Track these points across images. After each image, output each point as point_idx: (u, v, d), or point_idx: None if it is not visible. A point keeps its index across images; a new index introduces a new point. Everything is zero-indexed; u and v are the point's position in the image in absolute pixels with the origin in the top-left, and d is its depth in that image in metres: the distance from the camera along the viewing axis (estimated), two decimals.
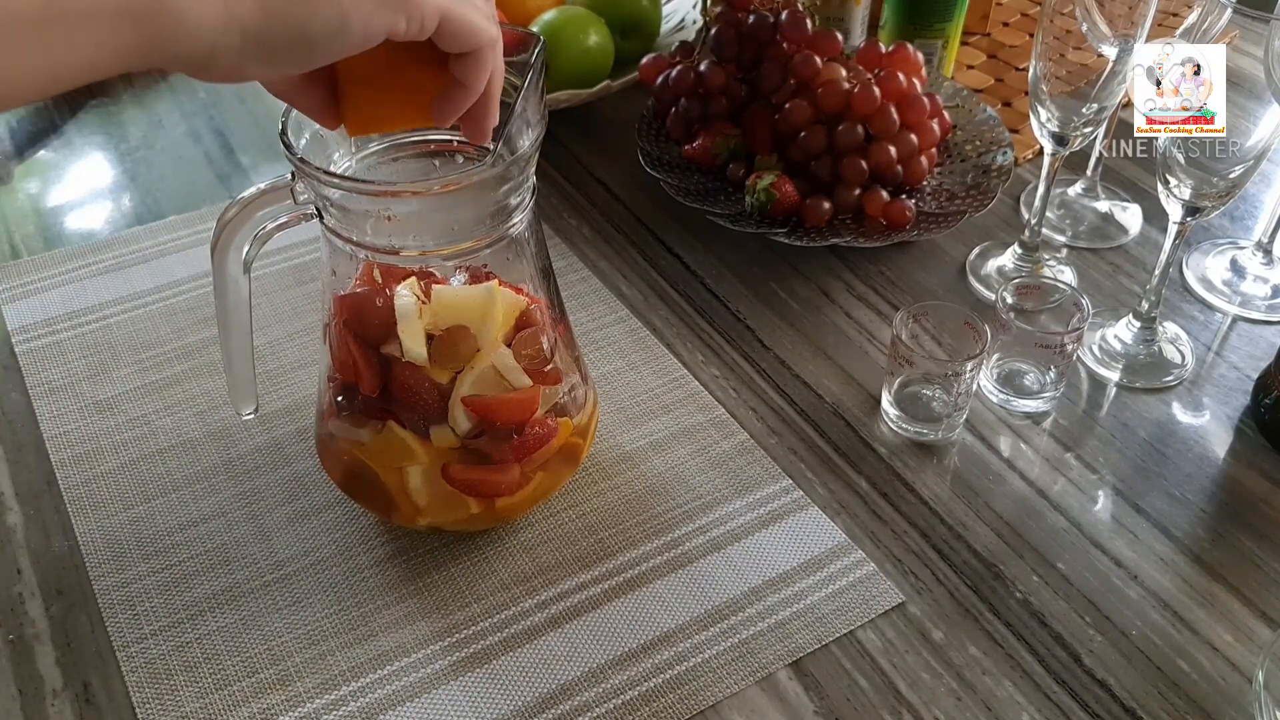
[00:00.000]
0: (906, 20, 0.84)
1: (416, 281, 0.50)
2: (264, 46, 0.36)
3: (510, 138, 0.47)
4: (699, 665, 0.51)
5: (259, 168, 0.83)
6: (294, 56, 0.38)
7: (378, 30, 0.38)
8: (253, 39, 0.36)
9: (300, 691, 0.50)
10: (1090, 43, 0.61)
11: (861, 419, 0.63)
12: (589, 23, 0.83)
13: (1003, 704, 0.49)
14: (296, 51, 0.37)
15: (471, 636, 0.52)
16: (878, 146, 0.73)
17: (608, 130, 0.86)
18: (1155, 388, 0.65)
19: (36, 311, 0.69)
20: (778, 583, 0.54)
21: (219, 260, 0.48)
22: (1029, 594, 0.54)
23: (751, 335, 0.68)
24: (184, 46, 0.35)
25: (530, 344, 0.51)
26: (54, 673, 0.51)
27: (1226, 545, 0.56)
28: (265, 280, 0.71)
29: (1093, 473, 0.60)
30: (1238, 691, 0.50)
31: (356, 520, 0.57)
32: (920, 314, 0.63)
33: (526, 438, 0.52)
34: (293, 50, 0.37)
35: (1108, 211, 0.78)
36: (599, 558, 0.55)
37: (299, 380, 0.64)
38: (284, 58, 0.37)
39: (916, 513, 0.58)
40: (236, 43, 0.36)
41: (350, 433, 0.53)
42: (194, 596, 0.53)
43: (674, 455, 0.60)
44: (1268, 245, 0.74)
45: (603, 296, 0.71)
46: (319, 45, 0.37)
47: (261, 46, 0.36)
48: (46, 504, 0.58)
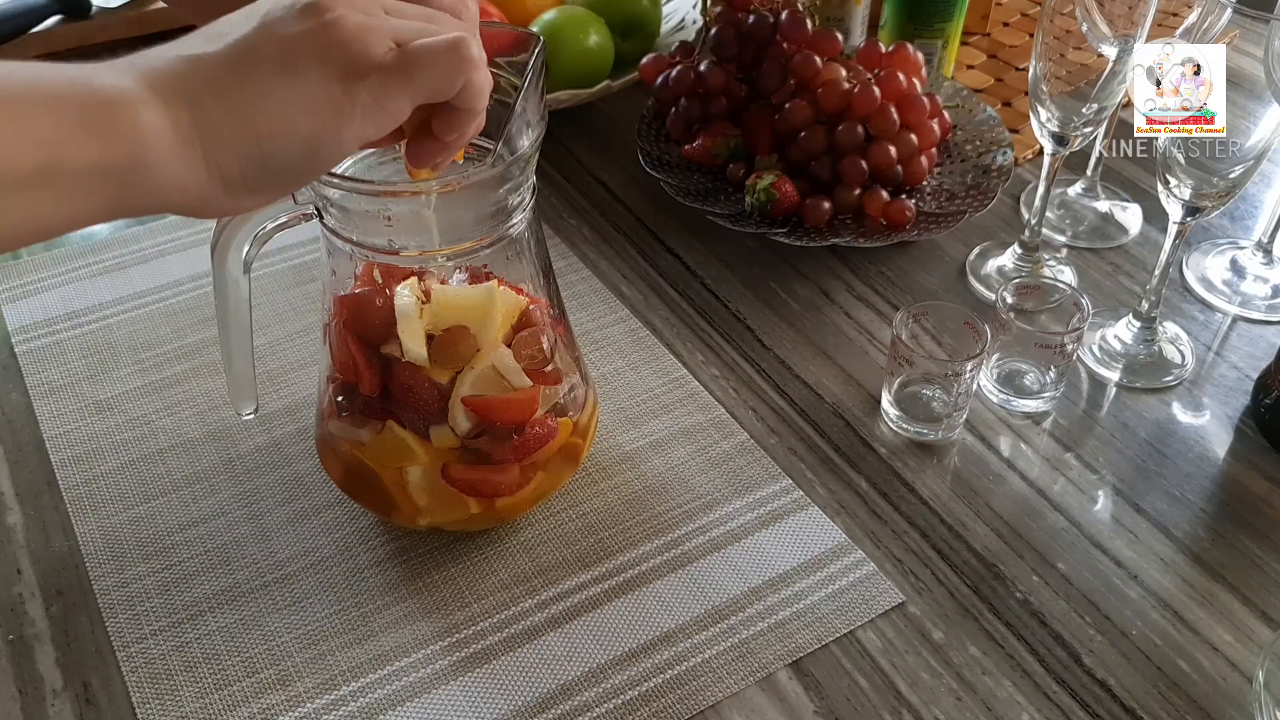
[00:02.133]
0: (906, 20, 0.84)
1: (416, 281, 0.50)
2: (247, 188, 0.38)
3: (510, 138, 0.47)
4: (699, 665, 0.51)
5: None
6: (280, 186, 0.39)
7: (350, 145, 0.38)
8: (234, 184, 0.37)
9: (300, 691, 0.50)
10: (1090, 43, 0.61)
11: (861, 419, 0.63)
12: (589, 23, 0.83)
13: (1003, 704, 0.49)
14: (279, 183, 0.39)
15: (471, 636, 0.52)
16: (878, 146, 0.73)
17: (608, 130, 0.86)
18: (1155, 388, 0.65)
19: (36, 311, 0.69)
20: (778, 583, 0.54)
21: (219, 260, 0.48)
22: (1029, 594, 0.54)
23: (751, 335, 0.68)
24: (173, 199, 0.37)
25: (530, 344, 0.51)
26: (54, 673, 0.51)
27: (1226, 545, 0.56)
28: (265, 280, 0.71)
29: (1093, 473, 0.60)
30: (1238, 691, 0.50)
31: (356, 520, 0.57)
32: (920, 314, 0.63)
33: (526, 438, 0.52)
34: (275, 184, 0.38)
35: (1108, 211, 0.78)
36: (599, 558, 0.55)
37: (299, 380, 0.64)
38: (270, 190, 0.39)
39: (916, 513, 0.58)
40: (221, 189, 0.37)
41: (350, 433, 0.53)
42: (194, 596, 0.53)
43: (674, 455, 0.60)
44: (1268, 245, 0.74)
45: (603, 296, 0.71)
46: (300, 172, 0.39)
47: (245, 188, 0.37)
48: (46, 504, 0.58)
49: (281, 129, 0.37)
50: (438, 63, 0.39)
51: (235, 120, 0.36)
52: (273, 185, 0.38)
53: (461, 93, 0.40)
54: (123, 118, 0.35)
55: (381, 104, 0.38)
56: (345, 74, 0.37)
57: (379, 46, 0.38)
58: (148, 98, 0.35)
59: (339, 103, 0.37)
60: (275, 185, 0.39)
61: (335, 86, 0.37)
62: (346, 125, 0.37)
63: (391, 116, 0.39)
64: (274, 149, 0.37)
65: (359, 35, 0.37)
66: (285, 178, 0.39)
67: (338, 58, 0.37)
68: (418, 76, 0.38)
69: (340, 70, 0.37)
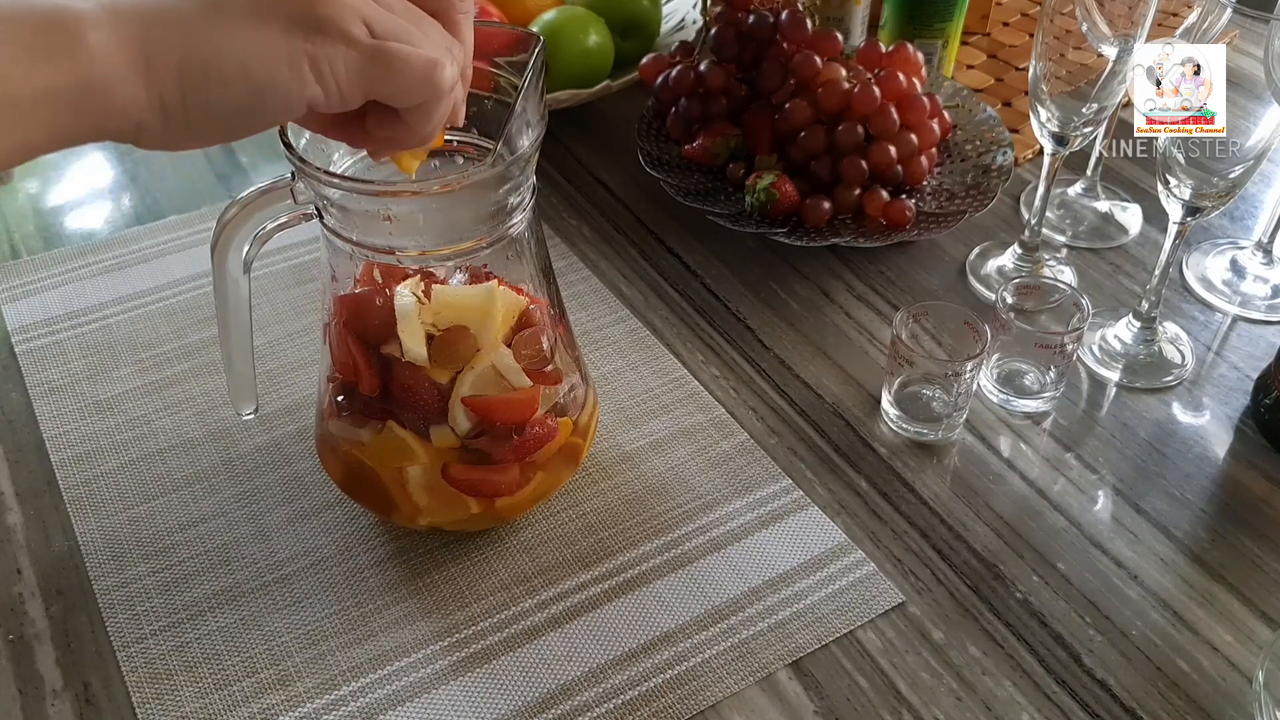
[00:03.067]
0: (906, 20, 0.84)
1: (417, 281, 0.50)
2: (186, 122, 0.37)
3: (510, 138, 0.47)
4: (699, 665, 0.51)
5: (259, 168, 0.83)
6: (221, 130, 0.38)
7: (297, 104, 0.38)
8: (174, 116, 0.37)
9: (300, 691, 0.50)
10: (1090, 43, 0.61)
11: (861, 419, 0.63)
12: (589, 23, 0.83)
13: (1003, 704, 0.49)
14: (221, 126, 0.38)
15: (471, 636, 0.52)
16: (878, 146, 0.73)
17: (608, 130, 0.86)
18: (1155, 388, 0.65)
19: (36, 311, 0.69)
20: (778, 583, 0.54)
21: (219, 260, 0.48)
22: (1029, 594, 0.54)
23: (751, 335, 0.68)
24: (113, 123, 0.36)
25: (530, 344, 0.51)
26: (54, 673, 0.51)
27: (1226, 545, 0.56)
28: (265, 280, 0.71)
29: (1093, 473, 0.60)
30: (1238, 691, 0.50)
31: (356, 520, 0.57)
32: (920, 314, 0.63)
33: (526, 438, 0.52)
34: (216, 125, 0.38)
35: (1108, 211, 0.78)
36: (599, 558, 0.55)
37: (299, 380, 0.64)
38: (209, 132, 0.38)
39: (916, 513, 0.58)
40: (159, 120, 0.37)
41: (350, 433, 0.53)
42: (194, 596, 0.53)
43: (674, 455, 0.60)
44: (1268, 245, 0.74)
45: (603, 296, 0.71)
46: (241, 120, 0.38)
47: (184, 122, 0.37)
48: (46, 504, 0.58)
49: (233, 70, 0.36)
50: (406, 76, 0.39)
51: (187, 49, 0.36)
52: (212, 128, 0.38)
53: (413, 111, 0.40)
54: (70, 38, 0.34)
55: (338, 79, 0.38)
56: (311, 35, 0.37)
57: (355, 25, 0.38)
58: (98, 18, 0.35)
59: (298, 60, 0.37)
60: (214, 129, 0.38)
61: (299, 43, 0.37)
62: (299, 84, 0.37)
63: (341, 96, 0.38)
64: (221, 89, 0.36)
65: (339, 5, 0.37)
66: (226, 122, 0.38)
67: (310, 17, 0.37)
68: (382, 76, 0.38)
69: (308, 31, 0.37)
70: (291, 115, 0.39)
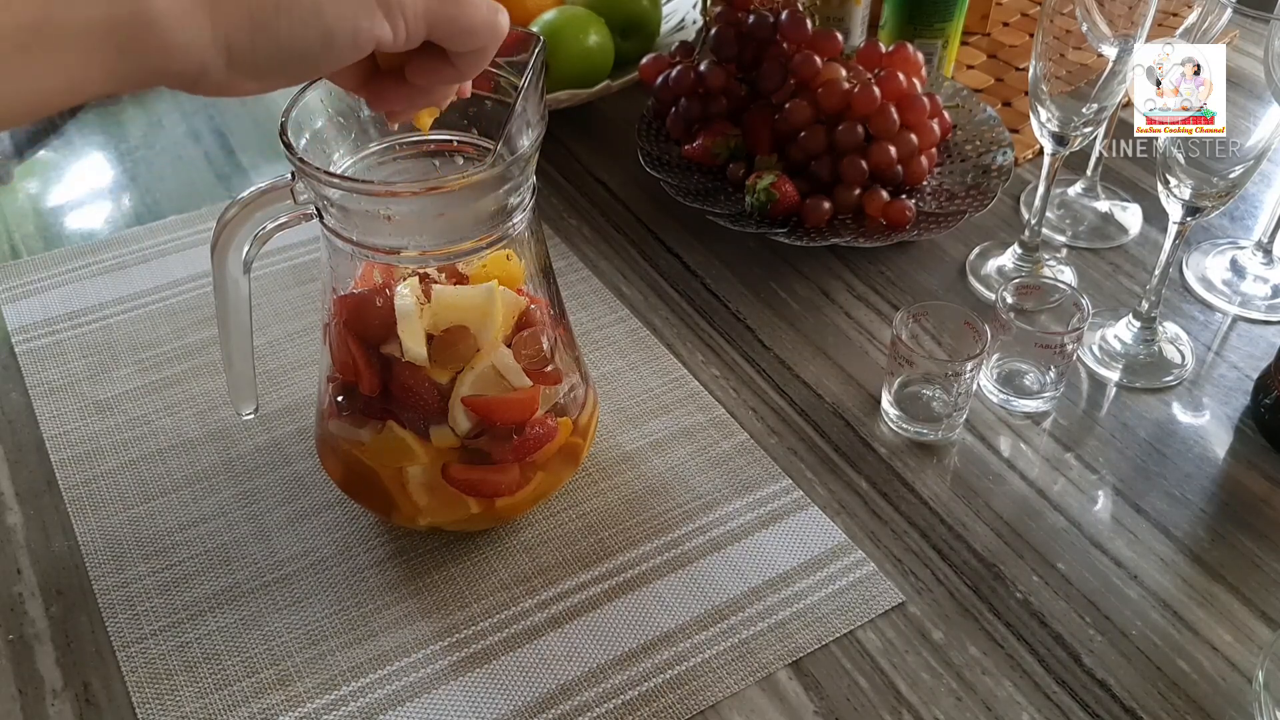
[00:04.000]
0: (906, 20, 0.84)
1: (417, 281, 0.50)
2: (253, 63, 0.36)
3: (510, 138, 0.47)
4: (699, 665, 0.51)
5: (259, 168, 0.83)
6: (285, 72, 0.37)
7: (365, 43, 0.37)
8: (241, 56, 0.35)
9: (300, 691, 0.50)
10: (1090, 43, 0.61)
11: (861, 419, 0.63)
12: (589, 23, 0.83)
13: (1003, 704, 0.49)
14: (286, 67, 0.37)
15: (471, 636, 0.52)
16: (878, 146, 0.73)
17: (608, 130, 0.86)
18: (1155, 388, 0.65)
19: (36, 311, 0.69)
20: (778, 583, 0.54)
21: (219, 260, 0.48)
22: (1029, 594, 0.54)
23: (751, 335, 0.68)
24: (174, 64, 0.34)
25: (530, 344, 0.51)
26: (54, 673, 0.51)
27: (1226, 545, 0.56)
28: (265, 280, 0.71)
29: (1093, 473, 0.60)
30: (1238, 691, 0.50)
31: (356, 520, 0.57)
32: (920, 314, 0.63)
33: (526, 438, 0.52)
34: (282, 66, 0.37)
35: (1108, 211, 0.78)
36: (599, 558, 0.55)
37: (299, 380, 0.64)
38: (274, 73, 0.37)
39: (916, 513, 0.58)
40: (224, 60, 0.35)
41: (350, 433, 0.53)
42: (194, 596, 0.53)
43: (674, 455, 0.60)
44: (1268, 245, 0.74)
45: (603, 296, 0.71)
46: (308, 61, 0.37)
47: (251, 63, 0.36)
48: (46, 504, 0.58)
49: (306, 8, 0.35)
50: (474, 17, 0.38)
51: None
52: (280, 70, 0.37)
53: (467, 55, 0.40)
54: None
55: (406, 16, 0.37)
56: None
57: None
58: None
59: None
60: (283, 70, 0.37)
61: None
62: (369, 21, 0.36)
63: (408, 34, 0.38)
64: (292, 26, 0.35)
65: None
66: (295, 63, 0.37)
67: None
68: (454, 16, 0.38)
69: None
70: (359, 54, 0.38)
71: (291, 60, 0.37)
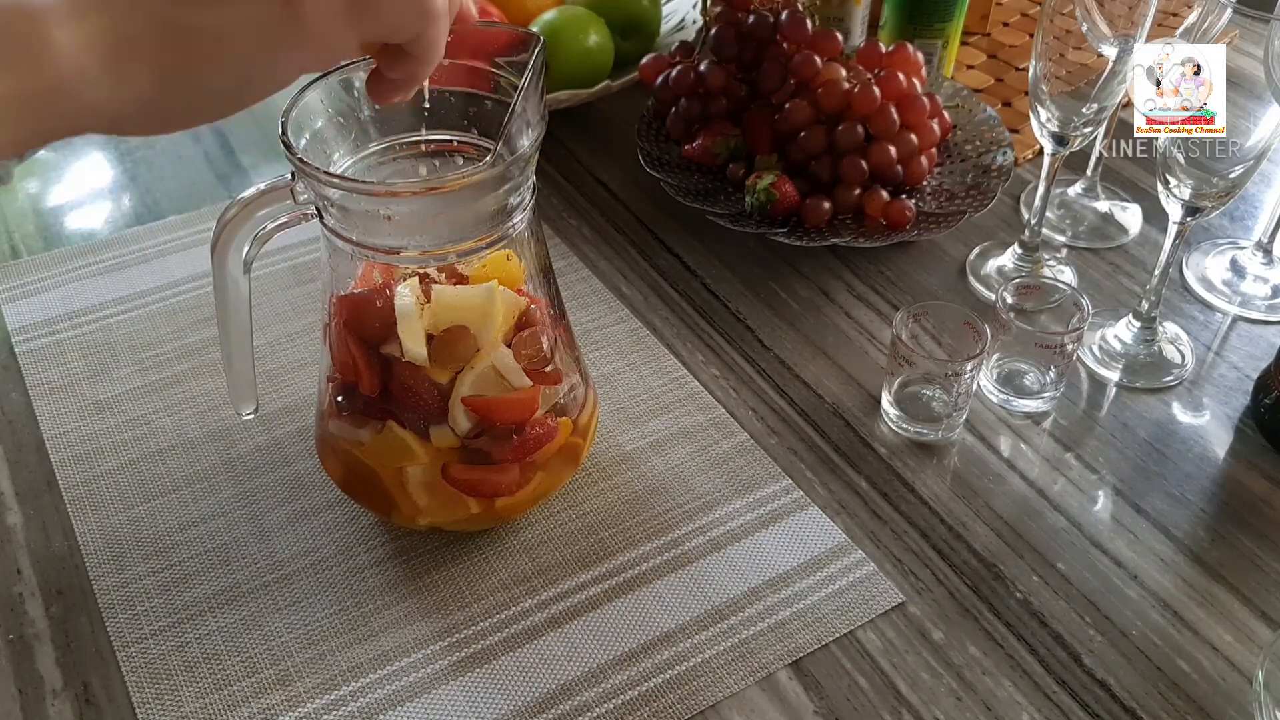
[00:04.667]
0: (906, 20, 0.84)
1: (417, 281, 0.50)
2: (170, 112, 0.36)
3: (510, 138, 0.47)
4: (699, 665, 0.51)
5: (259, 168, 0.83)
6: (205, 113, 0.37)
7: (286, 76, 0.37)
8: (155, 108, 0.35)
9: (300, 691, 0.50)
10: (1090, 43, 0.61)
11: (861, 419, 0.63)
12: (589, 23, 0.83)
13: (1003, 704, 0.49)
14: (206, 111, 0.37)
15: (471, 636, 0.52)
16: (878, 146, 0.73)
17: (608, 130, 0.86)
18: (1155, 388, 0.65)
19: (36, 311, 0.69)
20: (778, 583, 0.54)
21: (219, 260, 0.48)
22: (1029, 594, 0.54)
23: (751, 335, 0.68)
24: (86, 123, 0.35)
25: (530, 344, 0.51)
26: (54, 673, 0.51)
27: (1226, 545, 0.56)
28: (265, 280, 0.71)
29: (1093, 473, 0.60)
30: (1238, 691, 0.50)
31: (356, 520, 0.57)
32: (920, 314, 0.63)
33: (526, 438, 0.52)
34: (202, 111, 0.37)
35: (1108, 211, 0.78)
36: (599, 558, 0.55)
37: (299, 380, 0.64)
38: (193, 117, 0.37)
39: (916, 513, 0.58)
40: (137, 111, 0.35)
41: (350, 433, 0.53)
42: (194, 596, 0.53)
43: (674, 455, 0.60)
44: (1268, 245, 0.74)
45: (603, 296, 0.71)
46: (226, 102, 0.37)
47: (167, 113, 0.36)
48: (46, 504, 0.58)
49: (213, 51, 0.34)
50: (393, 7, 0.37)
51: (162, 37, 0.34)
52: (196, 112, 0.36)
53: (415, 41, 0.38)
54: (34, 41, 0.32)
55: (324, 36, 0.36)
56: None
57: None
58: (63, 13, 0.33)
59: (280, 27, 0.35)
60: (199, 112, 0.37)
61: (277, 7, 0.35)
62: (284, 50, 0.35)
63: (334, 51, 0.37)
64: (203, 73, 0.35)
65: None
66: (211, 106, 0.36)
67: None
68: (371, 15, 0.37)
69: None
70: (281, 85, 0.37)
71: (209, 105, 0.36)
